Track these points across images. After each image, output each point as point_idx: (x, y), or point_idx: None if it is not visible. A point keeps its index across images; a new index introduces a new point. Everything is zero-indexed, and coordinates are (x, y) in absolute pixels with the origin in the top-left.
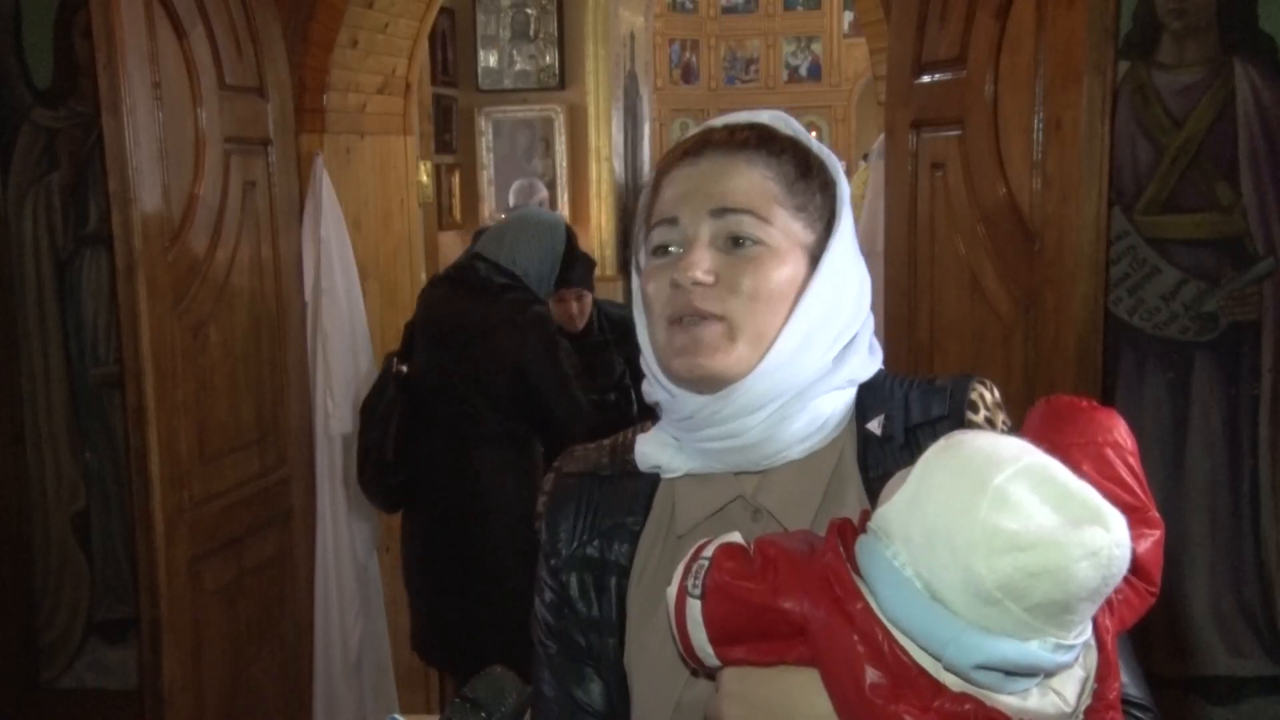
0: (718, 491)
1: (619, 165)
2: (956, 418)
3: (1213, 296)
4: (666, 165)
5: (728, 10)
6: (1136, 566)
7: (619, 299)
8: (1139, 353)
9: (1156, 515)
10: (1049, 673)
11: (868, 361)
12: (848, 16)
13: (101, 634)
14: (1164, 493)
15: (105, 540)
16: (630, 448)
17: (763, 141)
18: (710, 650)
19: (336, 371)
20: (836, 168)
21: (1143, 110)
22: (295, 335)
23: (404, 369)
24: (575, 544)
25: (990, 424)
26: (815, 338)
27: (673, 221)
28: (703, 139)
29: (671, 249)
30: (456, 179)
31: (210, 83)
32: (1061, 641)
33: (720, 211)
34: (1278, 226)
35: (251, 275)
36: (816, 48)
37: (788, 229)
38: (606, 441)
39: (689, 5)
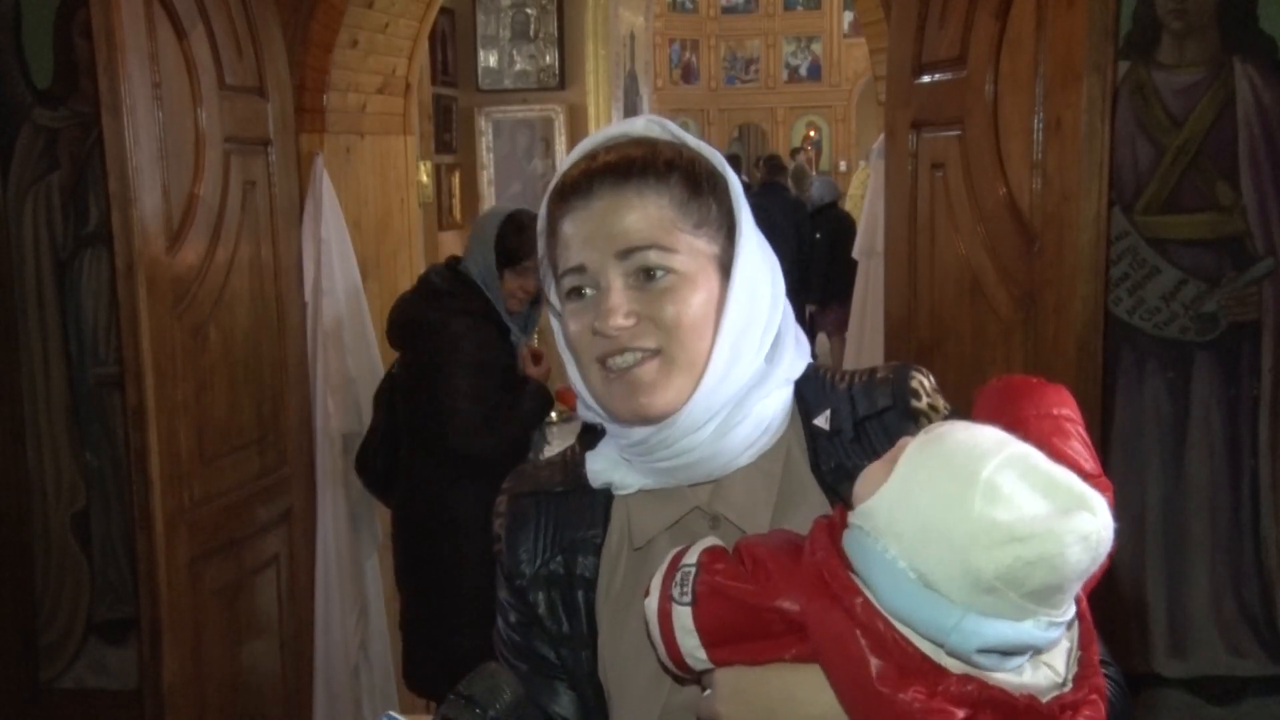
0: (674, 504)
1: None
2: (901, 407)
3: (1213, 296)
4: (559, 203)
5: (728, 10)
6: None
7: None
8: (1139, 353)
9: (1106, 480)
10: (1042, 649)
11: (797, 356)
12: (848, 16)
13: (101, 634)
14: (1164, 492)
15: (105, 540)
16: (580, 461)
17: (648, 165)
18: (703, 655)
19: (336, 371)
20: (723, 165)
21: (1143, 110)
22: (295, 335)
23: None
24: (539, 562)
25: (934, 409)
26: (743, 346)
27: (580, 270)
28: (586, 170)
29: (586, 291)
30: (456, 179)
31: (210, 83)
32: (1053, 619)
33: (625, 252)
34: (1278, 226)
35: (251, 275)
36: (816, 48)
37: (692, 249)
38: (555, 457)
39: (689, 5)
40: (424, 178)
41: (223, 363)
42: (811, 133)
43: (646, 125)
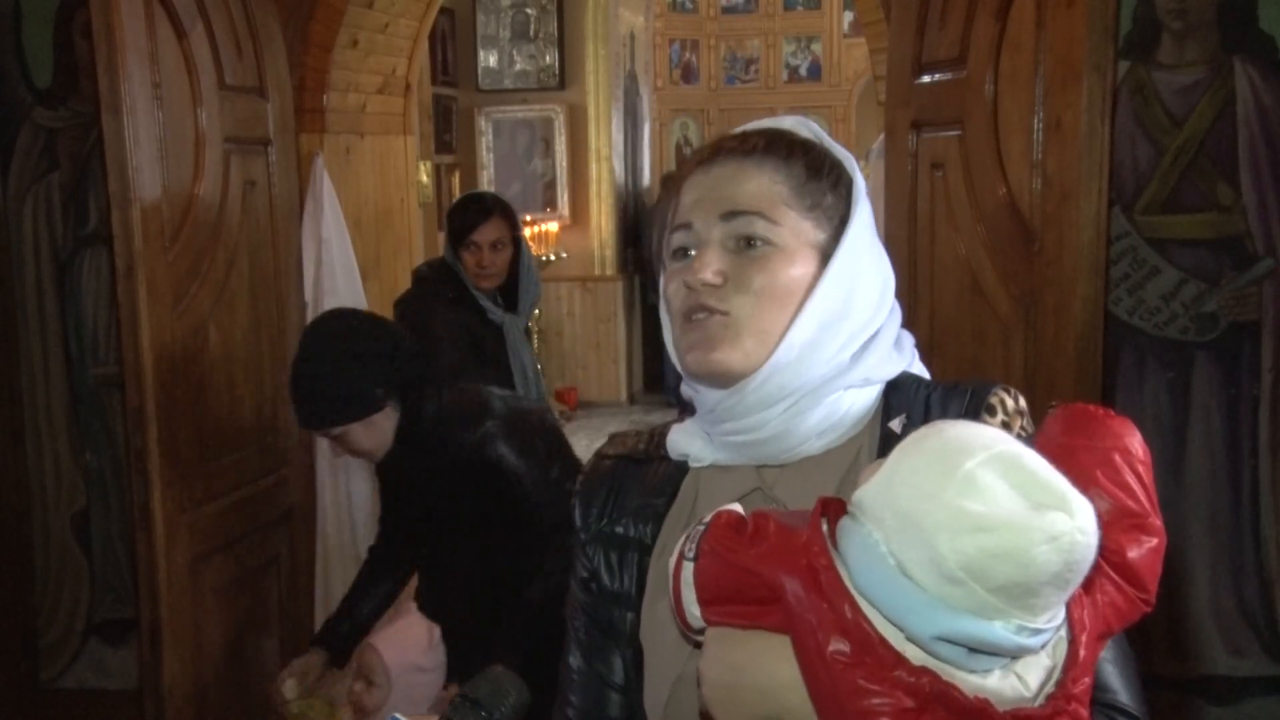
0: (738, 482)
1: (619, 165)
2: (971, 419)
3: (1213, 296)
4: (684, 172)
5: (728, 10)
6: (1128, 572)
7: (618, 299)
8: (1139, 353)
9: (1158, 524)
10: (1012, 655)
11: (890, 360)
12: (848, 16)
13: (101, 634)
14: (1164, 493)
15: (105, 540)
16: (666, 434)
17: (772, 146)
18: (697, 611)
19: None
20: (853, 166)
21: (1143, 110)
22: (295, 335)
23: None
24: (604, 520)
25: (1007, 428)
26: (827, 335)
27: (688, 226)
28: (716, 145)
29: (690, 252)
30: (456, 179)
31: (210, 83)
32: (1025, 624)
33: (730, 215)
34: (1278, 226)
35: (251, 275)
36: (816, 48)
37: (797, 229)
38: (646, 429)
39: (689, 5)
40: (424, 178)
41: (223, 363)
42: None
43: (794, 123)
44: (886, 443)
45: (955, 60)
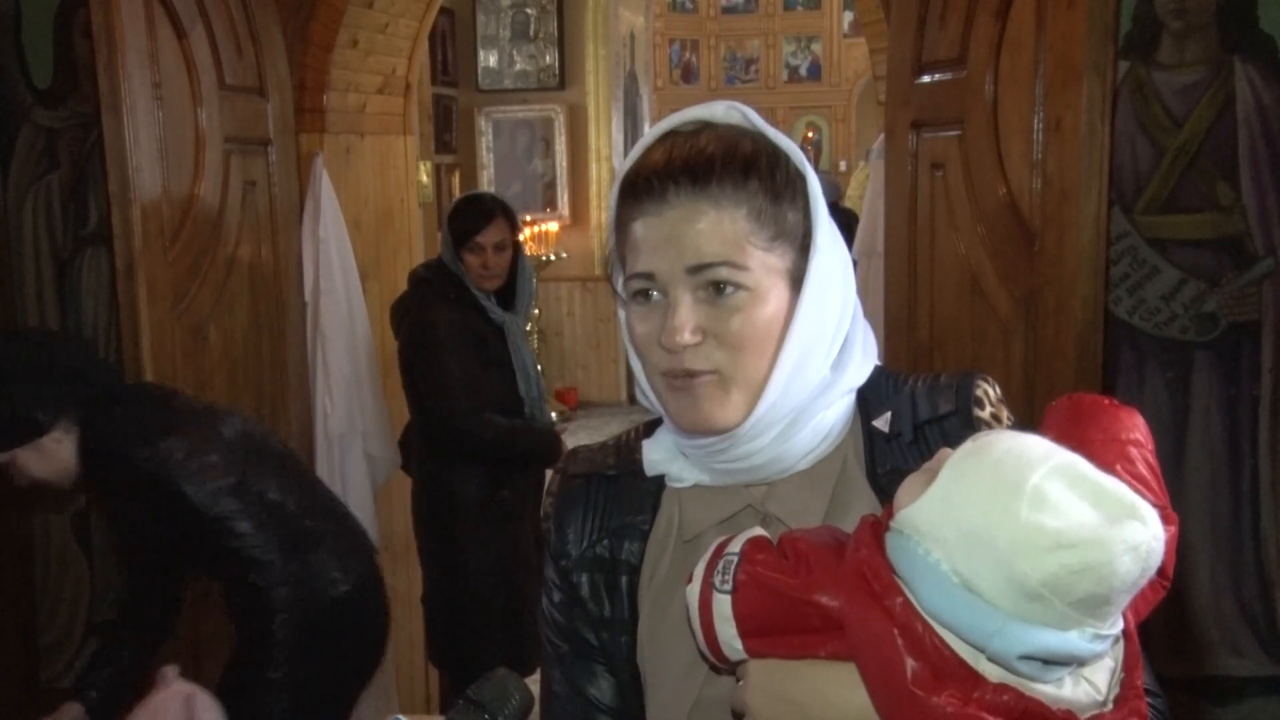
0: (727, 500)
1: (619, 165)
2: (964, 414)
3: (1213, 296)
4: (632, 200)
5: (728, 10)
6: None
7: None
8: (1139, 353)
9: (1172, 511)
10: (1084, 661)
11: (863, 362)
12: (848, 16)
13: (101, 634)
14: None
15: (105, 540)
16: (636, 447)
17: (726, 167)
18: (739, 645)
19: (336, 371)
20: (803, 163)
21: (1143, 110)
22: (295, 335)
23: None
24: (585, 544)
25: (996, 419)
26: (807, 361)
27: (649, 276)
28: (661, 167)
29: (653, 295)
30: (456, 179)
31: (210, 83)
32: (1099, 631)
33: (696, 268)
34: (1278, 226)
35: (251, 275)
36: (816, 48)
37: (765, 263)
38: (610, 441)
39: (689, 5)
40: (424, 178)
41: (223, 363)
42: (810, 133)
43: (727, 112)
44: (874, 443)
45: (955, 60)
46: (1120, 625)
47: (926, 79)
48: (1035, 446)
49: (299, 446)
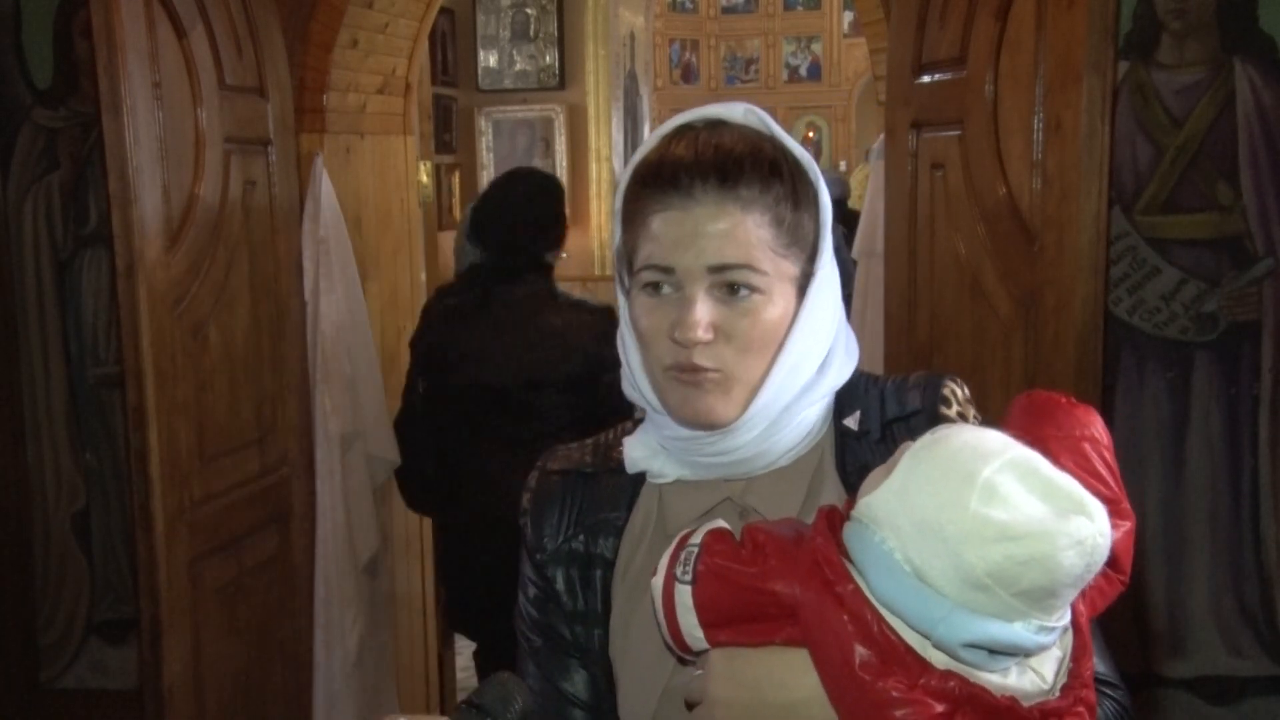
0: (706, 494)
1: (619, 165)
2: (930, 412)
3: (1213, 296)
4: (653, 190)
5: (728, 10)
6: (1110, 556)
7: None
8: (1139, 353)
9: (1128, 507)
10: (1030, 652)
11: (845, 363)
12: (848, 16)
13: (101, 634)
14: (1164, 493)
15: (105, 540)
16: (615, 445)
17: (754, 169)
18: (700, 634)
19: (336, 371)
20: (816, 174)
21: (1143, 110)
22: (295, 335)
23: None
24: (561, 539)
25: (962, 418)
26: (804, 361)
27: (667, 270)
28: (688, 160)
29: (664, 289)
30: (456, 179)
31: (210, 83)
32: (1044, 624)
33: (718, 268)
34: (1278, 226)
35: (251, 275)
36: (816, 48)
37: (779, 269)
38: (589, 440)
39: (689, 5)
40: (424, 178)
41: (223, 363)
42: (810, 133)
43: (745, 115)
44: (843, 440)
45: (955, 60)
46: (1067, 618)
47: (926, 79)
48: (993, 441)
49: (299, 446)
